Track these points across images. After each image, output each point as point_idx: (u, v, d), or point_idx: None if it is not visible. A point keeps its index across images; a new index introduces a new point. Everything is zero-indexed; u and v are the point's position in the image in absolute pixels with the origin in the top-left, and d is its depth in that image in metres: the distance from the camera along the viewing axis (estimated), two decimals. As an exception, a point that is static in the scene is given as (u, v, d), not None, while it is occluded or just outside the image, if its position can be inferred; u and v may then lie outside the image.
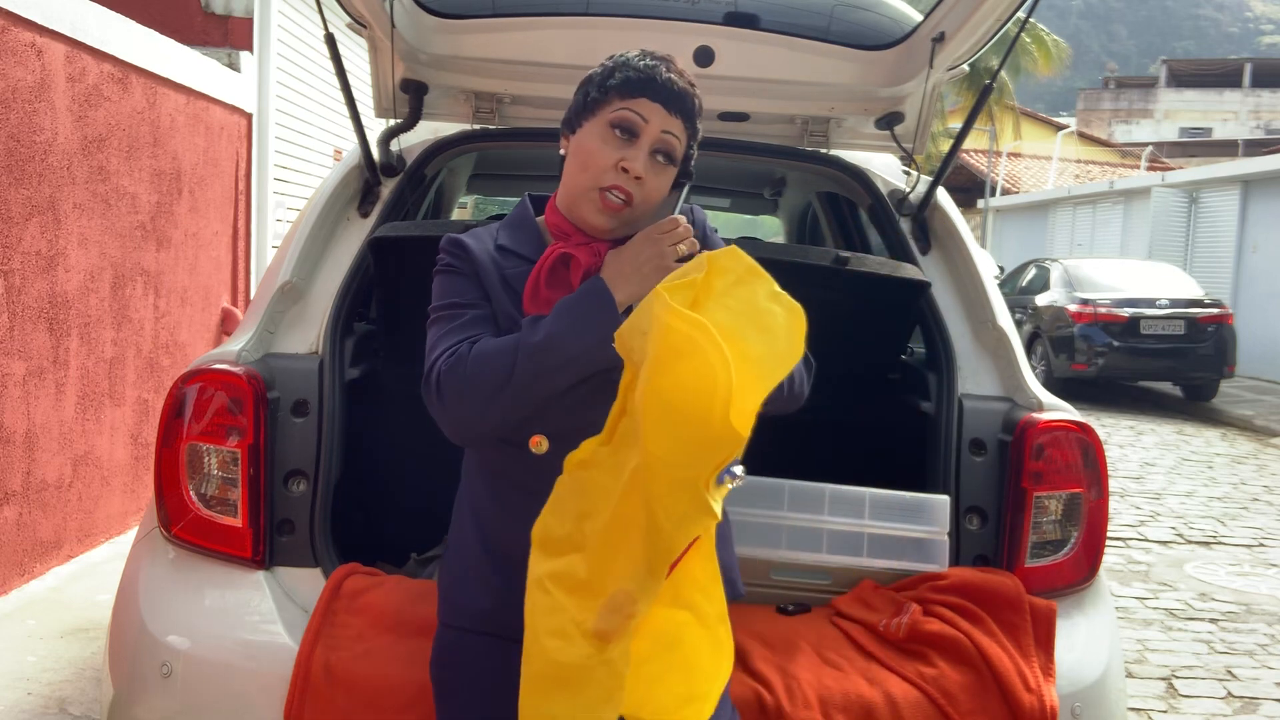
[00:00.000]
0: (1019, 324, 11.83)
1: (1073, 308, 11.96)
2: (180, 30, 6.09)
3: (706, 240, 1.62)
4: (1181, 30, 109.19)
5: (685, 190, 1.64)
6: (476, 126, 2.80)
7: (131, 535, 3.65)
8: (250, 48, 6.67)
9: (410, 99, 2.66)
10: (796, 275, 2.37)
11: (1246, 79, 42.56)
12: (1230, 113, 41.92)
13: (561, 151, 1.61)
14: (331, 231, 2.46)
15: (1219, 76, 43.73)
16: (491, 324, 1.57)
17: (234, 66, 6.41)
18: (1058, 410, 2.22)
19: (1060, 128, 34.60)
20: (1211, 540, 6.17)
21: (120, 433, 4.94)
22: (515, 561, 1.53)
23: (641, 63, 1.55)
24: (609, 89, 1.55)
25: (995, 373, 2.37)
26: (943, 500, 2.12)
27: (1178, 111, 42.56)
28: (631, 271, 1.47)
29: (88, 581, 4.30)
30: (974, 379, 2.36)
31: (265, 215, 6.84)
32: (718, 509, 1.21)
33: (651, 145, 1.53)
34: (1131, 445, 9.42)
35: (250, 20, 6.70)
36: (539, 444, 1.52)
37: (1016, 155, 30.32)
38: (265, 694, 1.84)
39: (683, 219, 1.51)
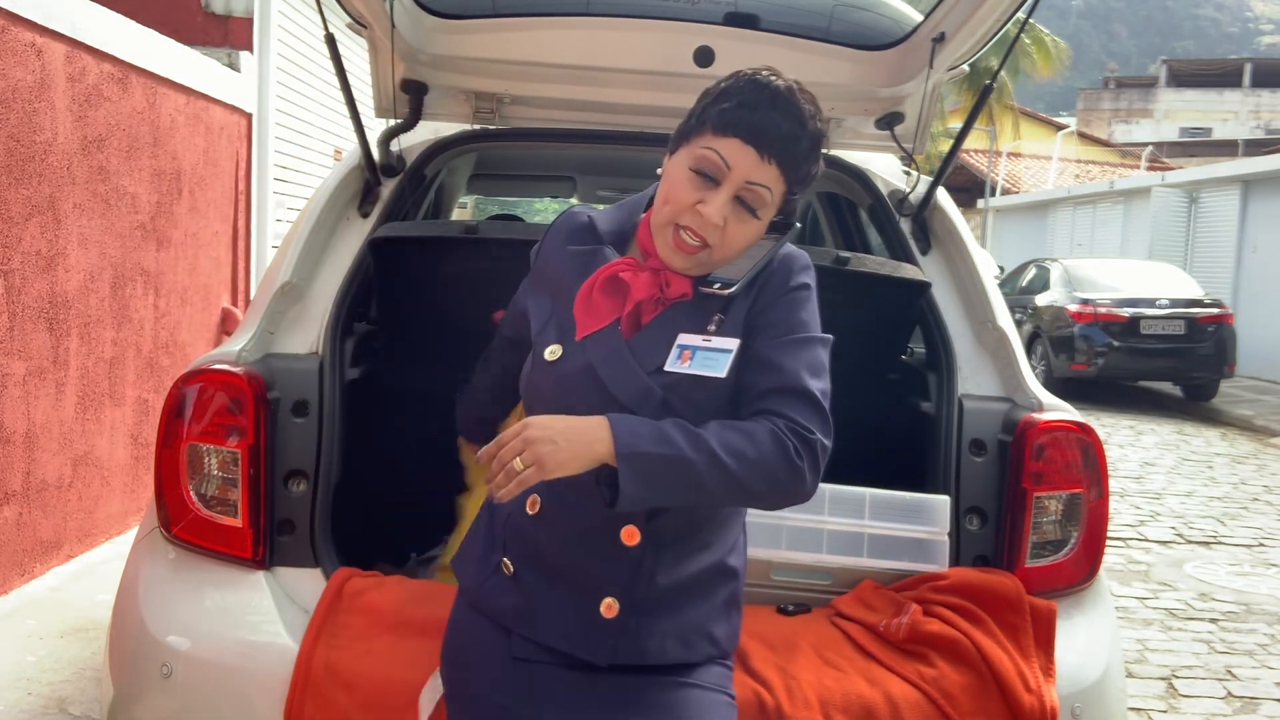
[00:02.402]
0: (1019, 324, 11.82)
1: (1073, 308, 11.95)
2: (180, 30, 6.08)
3: (784, 291, 1.51)
4: (1181, 30, 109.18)
5: (782, 242, 1.52)
6: (476, 126, 2.80)
7: (131, 535, 3.65)
8: (250, 48, 6.67)
9: (410, 99, 2.66)
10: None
11: (1246, 79, 42.54)
12: (1230, 113, 41.90)
13: (658, 170, 1.51)
14: (331, 231, 2.46)
15: (1219, 76, 43.71)
16: (510, 334, 1.80)
17: (234, 66, 6.41)
18: (1058, 410, 2.22)
19: (1060, 128, 34.59)
20: (1211, 540, 6.17)
21: (120, 433, 4.94)
22: (496, 537, 1.57)
23: (749, 95, 1.41)
24: (707, 119, 1.43)
25: (995, 373, 2.37)
26: (943, 500, 2.12)
27: (1178, 111, 42.54)
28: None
29: (88, 581, 4.30)
30: (974, 379, 2.36)
31: (265, 215, 6.84)
32: None
33: (734, 192, 1.42)
34: (1131, 445, 9.42)
35: (250, 20, 6.69)
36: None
37: (1016, 155, 30.31)
38: (265, 694, 1.84)
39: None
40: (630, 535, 1.48)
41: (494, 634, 1.54)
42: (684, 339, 1.48)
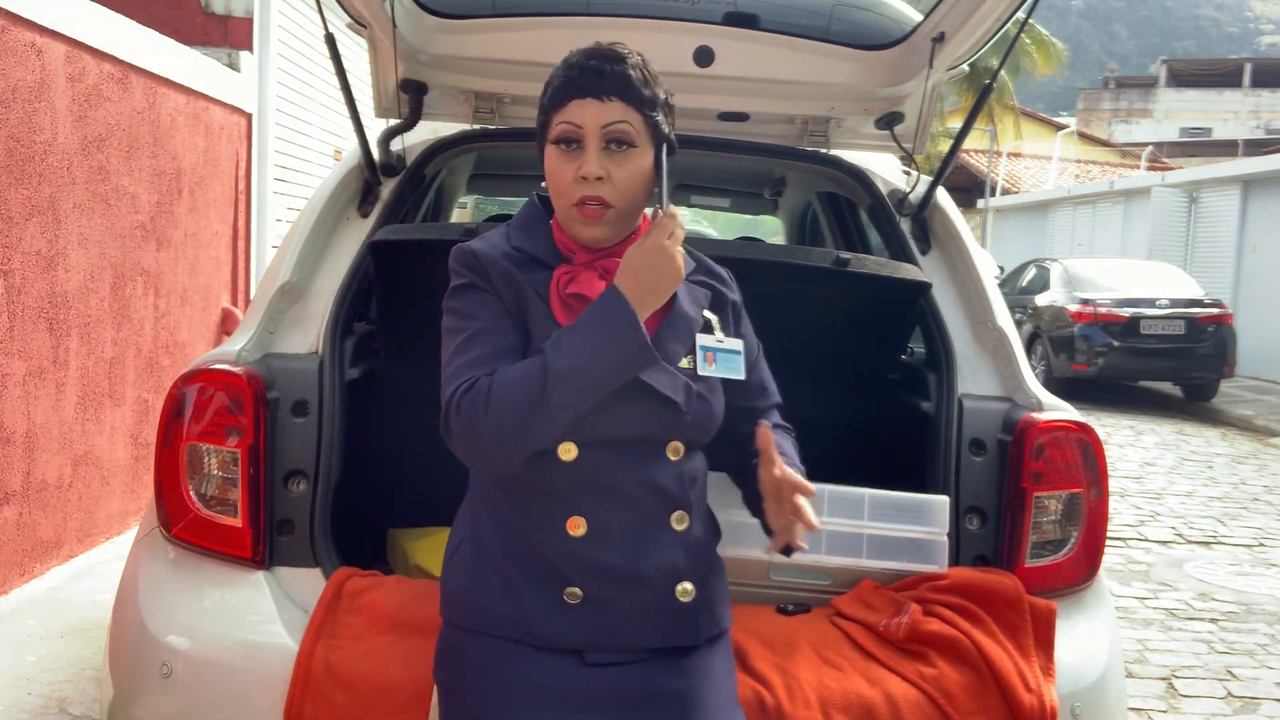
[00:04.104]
0: (1019, 324, 11.80)
1: (1073, 308, 11.95)
2: (180, 30, 6.08)
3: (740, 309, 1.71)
4: (1181, 30, 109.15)
5: (664, 162, 1.57)
6: (476, 126, 2.80)
7: (131, 535, 3.65)
8: (250, 48, 6.67)
9: (410, 99, 2.66)
10: (797, 276, 2.38)
11: (1246, 79, 42.52)
12: (1230, 113, 41.87)
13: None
14: (331, 231, 2.46)
15: (1219, 76, 43.69)
16: (511, 341, 1.51)
17: (234, 66, 6.41)
18: (1058, 410, 2.22)
19: (1060, 128, 34.58)
20: (1211, 540, 6.17)
21: (120, 433, 4.94)
22: (541, 568, 1.52)
23: (561, 70, 1.54)
24: (545, 108, 1.55)
25: (995, 373, 2.37)
26: (942, 500, 2.12)
27: (1178, 111, 42.51)
28: (648, 288, 1.45)
29: (88, 581, 4.30)
30: (974, 379, 2.36)
31: (265, 215, 6.84)
32: None
33: (599, 144, 1.50)
34: (1131, 445, 9.42)
35: (250, 20, 6.70)
36: (568, 450, 1.49)
37: (1016, 155, 30.31)
38: (265, 694, 1.84)
39: (675, 213, 1.48)
40: (680, 520, 1.55)
41: (554, 663, 1.50)
42: (702, 340, 1.58)
